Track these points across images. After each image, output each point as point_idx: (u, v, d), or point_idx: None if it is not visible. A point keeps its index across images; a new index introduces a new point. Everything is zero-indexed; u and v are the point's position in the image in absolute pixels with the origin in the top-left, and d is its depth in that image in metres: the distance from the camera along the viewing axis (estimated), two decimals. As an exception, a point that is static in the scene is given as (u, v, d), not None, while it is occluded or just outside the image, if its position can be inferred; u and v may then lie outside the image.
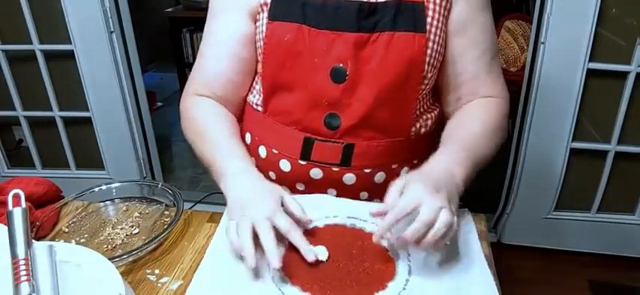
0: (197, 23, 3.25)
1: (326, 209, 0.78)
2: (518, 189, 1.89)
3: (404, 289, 0.64)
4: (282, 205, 0.71)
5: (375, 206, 0.80)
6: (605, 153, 1.77)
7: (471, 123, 0.82)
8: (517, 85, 1.87)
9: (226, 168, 0.77)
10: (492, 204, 2.03)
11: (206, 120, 0.85)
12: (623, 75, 1.63)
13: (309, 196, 0.83)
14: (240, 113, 0.94)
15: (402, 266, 0.67)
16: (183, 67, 3.44)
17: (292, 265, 0.67)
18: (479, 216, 0.79)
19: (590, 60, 1.61)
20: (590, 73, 1.63)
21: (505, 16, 2.62)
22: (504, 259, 1.93)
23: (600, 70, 1.63)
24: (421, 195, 0.64)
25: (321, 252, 0.68)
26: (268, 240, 0.64)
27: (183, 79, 3.47)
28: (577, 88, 1.65)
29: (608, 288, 1.84)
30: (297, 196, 0.83)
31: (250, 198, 0.71)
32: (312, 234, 0.72)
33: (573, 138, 1.75)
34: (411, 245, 0.63)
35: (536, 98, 1.71)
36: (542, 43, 1.63)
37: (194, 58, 3.50)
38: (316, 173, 0.85)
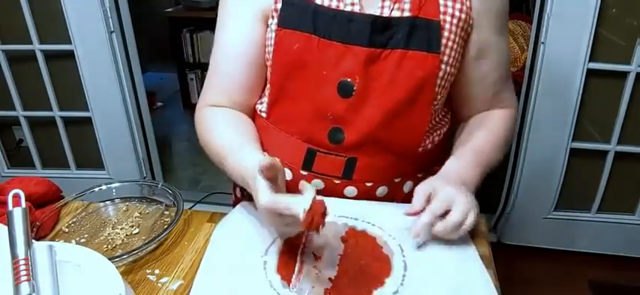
0: (197, 23, 3.23)
1: None
2: (518, 189, 1.89)
3: (401, 285, 0.64)
4: None
5: (361, 204, 0.81)
6: (605, 153, 1.77)
7: (485, 135, 0.85)
8: (517, 85, 1.88)
9: (252, 170, 0.70)
10: (492, 204, 2.03)
11: (224, 133, 0.82)
12: (623, 75, 1.63)
13: (298, 196, 0.82)
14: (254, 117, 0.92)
15: (397, 263, 0.68)
16: (183, 67, 3.43)
17: (289, 268, 0.66)
18: (479, 215, 0.79)
19: (590, 60, 1.61)
20: (590, 73, 1.63)
21: (505, 16, 2.62)
22: (504, 259, 1.93)
23: (600, 70, 1.63)
24: (452, 198, 0.69)
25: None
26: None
27: (183, 79, 3.46)
28: (577, 88, 1.65)
29: (608, 288, 1.84)
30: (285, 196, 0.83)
31: None
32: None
33: (573, 138, 1.75)
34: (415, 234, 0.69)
35: (536, 98, 1.71)
36: (542, 43, 1.63)
37: (194, 58, 3.50)
38: (317, 184, 0.84)
